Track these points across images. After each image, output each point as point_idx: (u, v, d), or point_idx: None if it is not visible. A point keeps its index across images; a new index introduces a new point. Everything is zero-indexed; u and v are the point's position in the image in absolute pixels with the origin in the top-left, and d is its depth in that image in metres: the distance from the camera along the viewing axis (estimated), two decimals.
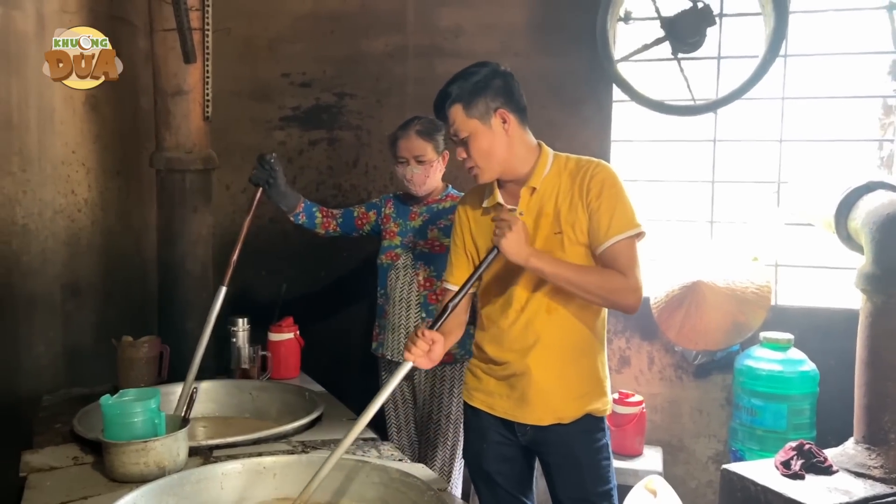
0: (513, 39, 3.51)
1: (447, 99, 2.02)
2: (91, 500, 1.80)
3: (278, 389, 2.73)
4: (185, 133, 2.97)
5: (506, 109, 2.02)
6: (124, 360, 2.73)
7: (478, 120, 2.01)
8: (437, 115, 2.09)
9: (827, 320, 3.24)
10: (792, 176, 3.33)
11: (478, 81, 2.01)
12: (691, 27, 3.13)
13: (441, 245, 2.83)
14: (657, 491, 2.87)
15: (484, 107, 2.01)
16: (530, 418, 2.11)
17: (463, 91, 2.01)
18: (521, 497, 2.23)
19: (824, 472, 2.53)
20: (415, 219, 2.91)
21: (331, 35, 3.71)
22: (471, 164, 2.06)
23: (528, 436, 2.14)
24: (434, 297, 2.84)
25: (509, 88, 2.05)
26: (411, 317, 2.86)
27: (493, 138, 2.02)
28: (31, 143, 2.91)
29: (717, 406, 3.42)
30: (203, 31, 2.90)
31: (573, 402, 2.09)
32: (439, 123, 2.86)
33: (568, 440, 2.10)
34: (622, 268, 1.96)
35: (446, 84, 2.05)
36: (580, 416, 2.09)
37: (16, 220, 2.87)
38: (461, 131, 2.02)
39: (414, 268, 2.87)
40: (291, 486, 1.91)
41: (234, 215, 3.80)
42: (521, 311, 2.08)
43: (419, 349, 1.92)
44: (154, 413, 1.97)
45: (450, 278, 2.25)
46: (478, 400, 2.21)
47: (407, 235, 2.91)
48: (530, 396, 2.09)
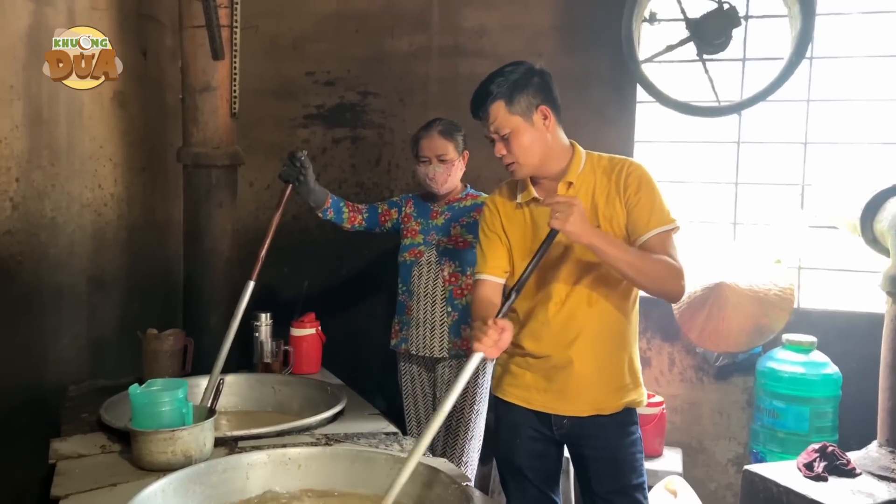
0: (537, 40, 3.52)
1: (488, 96, 2.04)
2: (119, 488, 1.82)
3: (300, 384, 2.75)
4: (212, 129, 2.99)
5: (546, 106, 2.05)
6: (149, 352, 2.76)
7: (520, 116, 2.03)
8: (475, 113, 2.10)
9: (850, 324, 3.22)
10: (816, 179, 3.32)
11: (518, 79, 2.04)
12: (717, 28, 3.13)
13: (465, 241, 2.87)
14: (677, 491, 2.87)
15: (526, 103, 2.03)
16: (570, 410, 2.12)
17: (504, 88, 2.03)
18: (549, 493, 2.24)
19: (847, 475, 2.52)
20: (437, 217, 2.96)
21: (355, 34, 3.74)
22: (510, 160, 2.08)
23: (565, 429, 2.15)
24: (459, 291, 2.88)
25: (548, 86, 2.08)
26: (436, 312, 2.89)
27: (535, 134, 2.05)
28: (59, 137, 2.95)
29: (737, 408, 3.41)
30: (231, 28, 2.94)
31: (613, 394, 2.11)
32: (459, 125, 2.92)
33: (605, 433, 2.12)
34: (668, 255, 2.00)
35: (485, 83, 2.07)
36: (620, 409, 2.11)
37: (44, 213, 2.91)
38: (503, 128, 2.04)
39: (439, 264, 2.91)
40: (316, 478, 1.93)
41: (258, 212, 3.84)
42: (563, 304, 2.10)
43: (490, 339, 1.87)
44: (181, 403, 1.99)
45: (485, 269, 2.23)
46: (512, 395, 2.22)
47: (430, 233, 2.95)
48: (571, 389, 2.11)
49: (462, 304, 2.87)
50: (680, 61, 3.35)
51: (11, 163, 2.73)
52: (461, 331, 2.87)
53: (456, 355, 2.88)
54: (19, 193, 2.79)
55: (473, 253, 2.81)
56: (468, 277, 2.85)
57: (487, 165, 3.57)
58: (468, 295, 2.85)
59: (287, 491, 1.90)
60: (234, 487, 1.86)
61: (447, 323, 2.88)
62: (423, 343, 2.91)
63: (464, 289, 2.87)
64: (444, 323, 2.89)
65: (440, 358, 2.91)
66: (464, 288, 2.87)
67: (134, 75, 3.27)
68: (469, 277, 2.85)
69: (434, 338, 2.90)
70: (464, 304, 2.87)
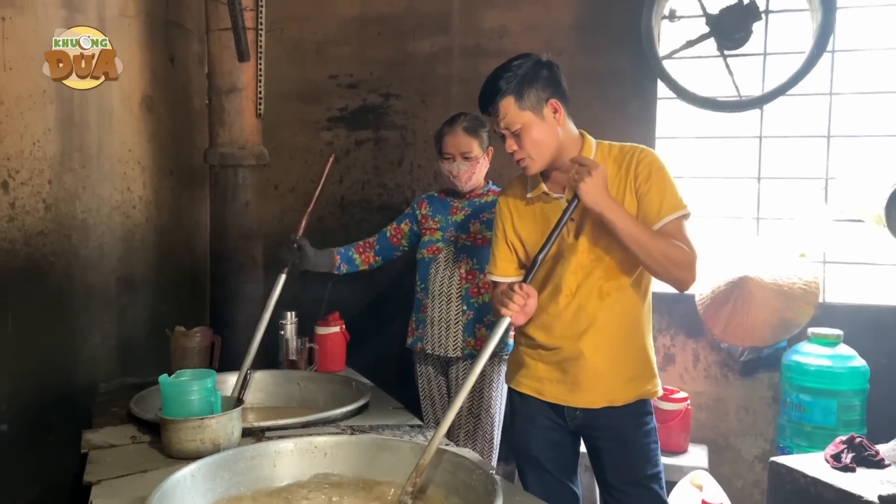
0: (557, 39, 3.55)
1: (497, 93, 2.01)
2: (149, 474, 1.85)
3: (325, 380, 2.76)
4: (238, 129, 3.05)
5: (556, 99, 2.03)
6: (177, 349, 2.80)
7: (531, 111, 2.01)
8: (483, 109, 2.07)
9: (878, 318, 3.20)
10: (839, 172, 3.30)
11: (525, 73, 2.01)
12: (737, 23, 3.13)
13: (483, 238, 2.85)
14: (703, 486, 2.85)
15: (536, 98, 2.01)
16: (582, 402, 2.12)
17: (513, 84, 2.00)
18: (566, 482, 2.24)
19: (876, 466, 2.50)
20: (456, 213, 2.94)
21: (378, 37, 3.79)
22: (522, 156, 2.06)
23: (578, 420, 2.15)
24: (476, 289, 2.86)
25: (556, 78, 2.06)
26: (451, 310, 2.88)
27: (546, 129, 2.03)
28: (90, 140, 3.01)
29: (763, 404, 3.38)
30: (257, 30, 3.00)
31: (626, 385, 2.10)
32: (484, 120, 2.88)
33: (618, 423, 2.11)
34: (682, 241, 1.98)
35: (491, 78, 2.04)
36: (633, 400, 2.11)
37: (76, 215, 2.97)
38: (514, 124, 2.02)
39: (456, 261, 2.89)
40: (342, 465, 1.94)
41: (283, 214, 3.89)
42: (573, 296, 2.09)
43: (516, 304, 1.89)
44: (210, 392, 2.02)
45: (494, 270, 2.27)
46: (526, 386, 2.23)
47: (448, 230, 2.93)
48: (583, 380, 2.10)
49: (478, 303, 2.86)
50: (700, 57, 3.36)
51: (44, 165, 2.79)
52: (475, 330, 2.86)
53: (470, 355, 2.86)
54: (52, 195, 2.85)
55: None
56: (486, 275, 2.85)
57: (510, 164, 3.60)
58: (485, 293, 2.85)
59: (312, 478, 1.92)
60: (261, 474, 1.88)
61: (462, 322, 2.86)
62: (438, 342, 2.90)
63: (480, 287, 2.85)
64: (458, 322, 2.87)
65: (454, 358, 2.89)
66: (480, 286, 2.85)
67: (162, 81, 3.34)
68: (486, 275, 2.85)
69: (448, 337, 2.88)
70: (480, 304, 2.86)
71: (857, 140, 3.37)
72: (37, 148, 2.74)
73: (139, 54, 3.20)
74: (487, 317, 2.85)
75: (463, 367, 2.88)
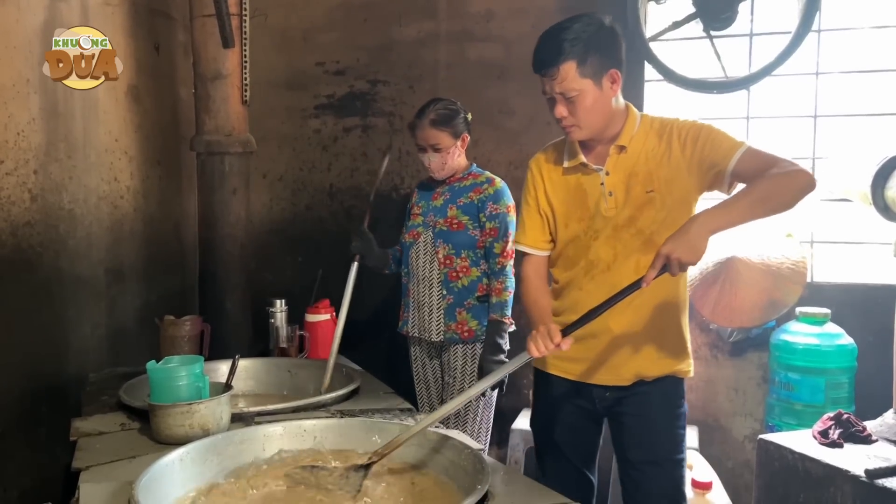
0: (544, 21, 3.43)
1: (560, 55, 1.89)
2: (138, 459, 1.85)
3: (316, 367, 2.76)
4: (224, 117, 3.04)
5: (616, 69, 1.95)
6: (167, 337, 2.80)
7: (591, 80, 1.92)
8: (539, 68, 1.94)
9: (865, 296, 3.20)
10: (827, 152, 3.31)
11: (590, 38, 1.90)
12: (723, 3, 3.12)
13: (459, 223, 2.86)
14: (693, 466, 2.86)
15: (598, 65, 1.91)
16: (611, 380, 2.08)
17: (578, 47, 1.89)
18: (584, 471, 2.22)
19: (863, 441, 2.52)
20: (437, 198, 2.95)
21: (364, 23, 3.78)
22: (570, 122, 1.97)
23: (607, 401, 2.11)
24: (454, 273, 2.86)
25: (619, 45, 1.97)
26: (433, 294, 2.89)
27: (602, 99, 1.94)
28: (76, 130, 3.00)
29: (753, 385, 3.40)
30: (241, 16, 2.99)
31: (657, 361, 2.06)
32: (455, 109, 2.86)
33: (648, 400, 2.06)
34: (768, 163, 1.83)
35: (555, 37, 1.91)
36: (664, 375, 2.06)
37: (62, 205, 2.96)
38: (570, 90, 1.92)
39: (434, 245, 2.90)
40: (331, 448, 1.95)
41: (272, 203, 3.89)
42: (608, 270, 2.03)
43: (545, 351, 1.82)
44: (198, 377, 2.03)
45: (522, 239, 2.18)
46: (554, 366, 2.17)
47: (428, 214, 2.94)
48: (612, 357, 2.06)
49: (457, 287, 2.86)
50: (687, 38, 3.35)
51: (30, 155, 2.78)
52: (456, 314, 2.86)
53: (451, 339, 2.86)
54: (38, 185, 2.83)
55: (467, 236, 2.83)
56: (462, 260, 2.85)
57: (498, 149, 3.62)
58: (463, 278, 2.85)
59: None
60: (250, 457, 1.89)
61: (443, 306, 2.87)
62: (423, 326, 2.92)
63: (458, 271, 2.85)
64: (440, 306, 2.88)
65: (439, 342, 2.91)
66: (458, 270, 2.85)
67: (147, 70, 3.33)
68: (463, 260, 2.84)
69: (431, 321, 2.90)
70: (459, 288, 2.86)
71: (844, 119, 3.37)
72: (21, 138, 2.73)
73: (123, 43, 3.18)
74: (468, 300, 2.86)
75: (456, 351, 2.88)
